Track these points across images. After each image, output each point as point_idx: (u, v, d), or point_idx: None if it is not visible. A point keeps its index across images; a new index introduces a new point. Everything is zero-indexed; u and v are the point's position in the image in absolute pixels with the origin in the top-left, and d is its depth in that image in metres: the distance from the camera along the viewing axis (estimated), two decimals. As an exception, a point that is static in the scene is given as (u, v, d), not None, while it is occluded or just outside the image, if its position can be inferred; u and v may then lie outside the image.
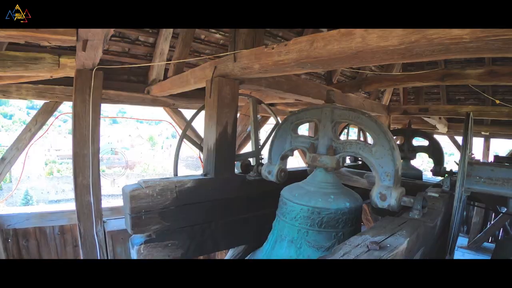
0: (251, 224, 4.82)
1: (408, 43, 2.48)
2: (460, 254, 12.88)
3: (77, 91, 5.73)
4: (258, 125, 5.60)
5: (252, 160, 5.36)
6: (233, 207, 4.63)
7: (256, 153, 5.39)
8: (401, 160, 7.36)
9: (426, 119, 11.50)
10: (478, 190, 4.44)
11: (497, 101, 9.48)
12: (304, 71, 3.89)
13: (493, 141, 14.94)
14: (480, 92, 10.76)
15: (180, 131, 7.69)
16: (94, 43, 4.23)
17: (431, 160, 7.09)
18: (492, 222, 13.58)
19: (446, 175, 4.74)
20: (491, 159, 12.58)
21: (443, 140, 13.75)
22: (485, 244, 13.41)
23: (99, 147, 6.00)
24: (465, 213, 14.94)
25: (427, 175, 9.04)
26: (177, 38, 7.21)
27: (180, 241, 4.11)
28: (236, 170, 4.95)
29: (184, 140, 4.95)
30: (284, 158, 4.28)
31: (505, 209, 4.31)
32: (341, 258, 2.12)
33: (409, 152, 7.31)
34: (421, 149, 7.45)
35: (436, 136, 7.78)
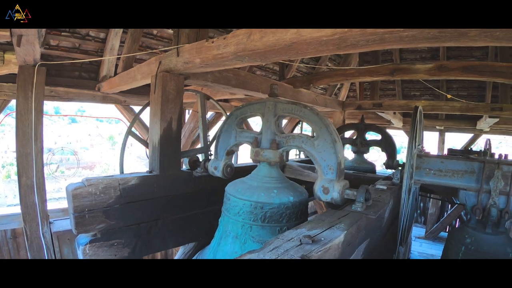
0: (201, 221, 4.75)
1: (341, 33, 2.45)
2: (417, 244, 13.40)
3: (19, 88, 5.54)
4: (206, 120, 5.51)
5: (201, 157, 5.25)
6: (181, 204, 4.53)
7: (205, 149, 5.30)
8: (355, 154, 7.48)
9: (381, 114, 11.64)
10: (428, 182, 4.51)
11: (449, 96, 9.76)
12: (243, 64, 3.82)
13: (448, 135, 15.28)
14: (433, 88, 10.94)
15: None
16: (29, 38, 4.09)
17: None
18: (448, 213, 13.99)
19: (400, 168, 4.77)
20: (445, 152, 12.92)
21: (399, 135, 14.01)
22: (442, 234, 13.87)
23: (42, 145, 5.80)
24: (421, 204, 15.38)
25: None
26: (127, 34, 7.02)
27: (126, 240, 4.01)
28: (184, 167, 4.87)
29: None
30: (229, 153, 4.20)
31: (461, 199, 4.37)
32: (270, 252, 2.05)
33: (362, 146, 7.36)
34: (374, 143, 7.51)
35: (391, 131, 7.87)
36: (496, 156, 4.50)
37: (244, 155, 7.84)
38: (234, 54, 3.36)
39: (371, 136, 7.88)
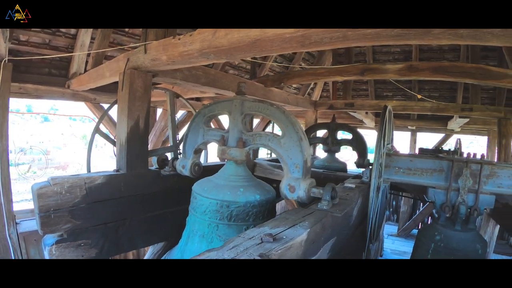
0: (169, 220, 4.70)
1: (304, 30, 2.46)
2: (390, 241, 13.64)
3: (-17, 85, 5.38)
4: (175, 119, 5.45)
5: (170, 155, 5.19)
6: (149, 203, 4.48)
7: (174, 147, 5.24)
8: (326, 153, 7.49)
9: (353, 114, 11.76)
10: (397, 181, 4.56)
11: (419, 96, 9.87)
12: (209, 62, 3.79)
13: (420, 135, 15.58)
14: (404, 88, 11.06)
15: (103, 128, 7.43)
16: (-8, 33, 3.98)
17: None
18: (420, 210, 14.21)
19: (370, 166, 4.79)
20: (417, 152, 13.18)
21: (371, 134, 14.13)
22: (414, 231, 14.05)
23: (8, 144, 5.64)
24: (394, 202, 15.60)
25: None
26: (98, 30, 6.88)
27: (94, 240, 3.93)
28: (154, 166, 4.79)
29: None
30: (197, 152, 4.15)
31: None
32: (229, 250, 2.02)
33: (333, 145, 7.36)
34: (345, 142, 7.52)
35: (363, 130, 7.91)
36: (466, 155, 4.54)
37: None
38: (199, 51, 3.34)
39: (345, 135, 7.90)
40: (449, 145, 14.49)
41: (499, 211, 6.26)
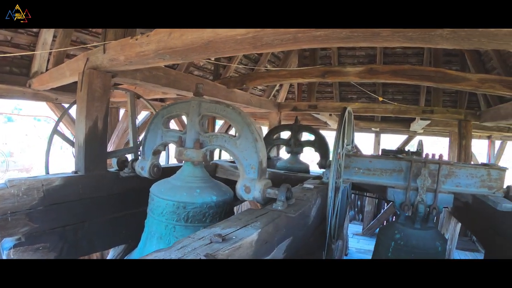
0: (130, 222, 4.63)
1: (255, 32, 2.50)
2: (355, 240, 13.89)
3: None
4: (135, 119, 5.39)
5: (131, 157, 5.13)
6: (108, 205, 4.44)
7: (134, 149, 5.18)
8: (289, 155, 7.51)
9: (317, 116, 11.86)
10: (357, 181, 4.62)
11: (381, 99, 10.04)
12: (166, 63, 3.80)
13: (384, 137, 15.83)
14: (367, 91, 11.22)
15: (65, 129, 7.31)
16: None
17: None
18: (384, 210, 14.43)
19: (333, 167, 4.84)
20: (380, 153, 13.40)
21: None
22: (378, 230, 14.10)
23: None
24: (359, 202, 15.81)
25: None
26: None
27: (52, 243, 3.86)
28: (114, 167, 4.73)
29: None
30: (156, 153, 4.11)
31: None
32: (177, 250, 2.01)
33: (296, 146, 7.37)
34: (308, 143, 7.55)
35: (327, 132, 7.96)
36: (430, 156, 4.63)
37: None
38: (155, 52, 3.33)
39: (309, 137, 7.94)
40: (414, 146, 14.77)
41: (460, 209, 6.38)
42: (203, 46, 2.91)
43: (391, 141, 15.88)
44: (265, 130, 12.11)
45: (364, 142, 16.94)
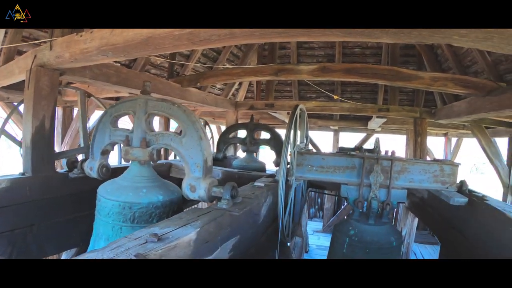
0: (81, 225, 4.53)
1: (191, 28, 2.50)
2: (315, 237, 14.04)
3: None
4: (86, 119, 5.27)
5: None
6: (58, 208, 4.34)
7: (85, 149, 5.06)
8: (245, 153, 7.49)
9: (275, 114, 11.98)
10: (311, 178, 4.64)
11: (336, 97, 10.17)
12: (109, 60, 3.76)
13: (343, 135, 16.02)
14: (322, 90, 11.31)
15: (17, 129, 7.10)
16: None
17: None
18: (344, 206, 14.61)
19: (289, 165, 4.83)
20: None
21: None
22: (333, 227, 14.26)
23: None
24: (319, 200, 15.95)
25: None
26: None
27: (0, 248, 3.77)
28: (64, 168, 4.61)
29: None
30: (104, 153, 4.01)
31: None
32: (110, 250, 1.96)
33: (252, 145, 7.37)
34: (263, 142, 7.56)
35: (283, 130, 7.97)
36: (384, 153, 4.66)
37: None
38: (98, 48, 3.29)
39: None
40: (372, 144, 15.00)
41: (416, 205, 6.49)
42: (143, 42, 2.90)
43: (350, 139, 16.07)
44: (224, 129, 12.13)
45: (323, 140, 17.09)
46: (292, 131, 4.25)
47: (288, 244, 5.50)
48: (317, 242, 13.23)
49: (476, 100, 6.73)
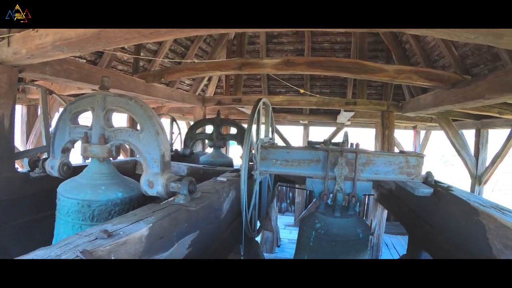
0: (44, 225, 4.38)
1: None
2: (287, 231, 14.10)
3: None
4: (48, 116, 5.15)
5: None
6: (20, 208, 4.24)
7: (47, 147, 4.97)
8: (212, 149, 7.46)
9: (243, 109, 12.03)
10: (276, 172, 4.63)
11: (302, 91, 10.21)
12: (65, 55, 3.70)
13: (313, 129, 16.13)
14: (288, 84, 11.36)
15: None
16: None
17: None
18: (314, 200, 14.63)
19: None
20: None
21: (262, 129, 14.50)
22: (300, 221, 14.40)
23: None
24: (291, 194, 16.02)
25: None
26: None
27: (-36, 251, 3.64)
28: (26, 167, 4.53)
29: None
30: (65, 151, 3.93)
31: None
32: (59, 248, 1.93)
33: (218, 140, 7.36)
34: (230, 137, 7.57)
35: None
36: (350, 146, 4.69)
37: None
38: (53, 43, 3.23)
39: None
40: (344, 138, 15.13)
41: (385, 196, 6.55)
42: (95, 36, 2.88)
43: (321, 133, 16.17)
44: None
45: (294, 135, 17.16)
46: (255, 125, 4.23)
47: (256, 238, 5.50)
48: (289, 236, 13.27)
49: (442, 93, 6.82)
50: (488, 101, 5.53)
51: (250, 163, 4.53)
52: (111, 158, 3.55)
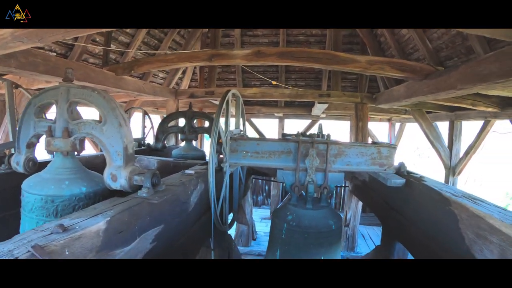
0: (11, 224, 4.26)
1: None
2: (263, 224, 14.25)
3: None
4: (14, 111, 5.04)
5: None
6: (-15, 207, 4.08)
7: (14, 143, 4.86)
8: (184, 142, 7.40)
9: (217, 103, 11.80)
10: (246, 164, 4.64)
11: (274, 83, 10.23)
12: (26, 46, 3.60)
13: (288, 122, 16.20)
14: (262, 77, 11.37)
15: None
16: None
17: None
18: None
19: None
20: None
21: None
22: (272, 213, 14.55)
23: None
24: (267, 187, 16.07)
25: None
26: None
27: None
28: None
29: None
30: (30, 146, 3.81)
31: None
32: (13, 243, 1.87)
33: (190, 133, 7.30)
34: (202, 130, 7.53)
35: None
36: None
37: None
38: (12, 34, 3.15)
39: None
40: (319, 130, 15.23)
41: (359, 188, 6.58)
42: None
43: (296, 126, 16.22)
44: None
45: (269, 128, 17.18)
46: (224, 117, 4.19)
47: (230, 232, 5.48)
48: (265, 229, 13.28)
49: (414, 84, 6.88)
50: (460, 92, 5.57)
51: (221, 156, 4.50)
52: (75, 152, 3.47)
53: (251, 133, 13.77)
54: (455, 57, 7.16)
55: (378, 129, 16.91)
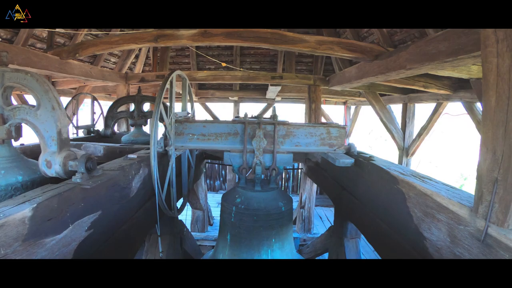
0: None
1: None
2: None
3: None
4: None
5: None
6: None
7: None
8: (133, 127, 7.26)
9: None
10: (193, 147, 4.58)
11: (223, 64, 10.20)
12: None
13: (244, 105, 16.02)
14: (211, 58, 11.34)
15: None
16: None
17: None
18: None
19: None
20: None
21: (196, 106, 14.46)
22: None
23: None
24: (223, 172, 16.06)
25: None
26: None
27: None
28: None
29: None
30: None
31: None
32: None
33: (139, 118, 7.17)
34: (151, 114, 7.39)
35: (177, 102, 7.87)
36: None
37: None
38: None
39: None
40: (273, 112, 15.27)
41: (312, 169, 6.61)
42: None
43: (252, 110, 16.26)
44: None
45: (224, 112, 17.15)
46: (160, 99, 4.08)
47: (180, 217, 5.41)
48: (222, 215, 13.20)
49: (365, 65, 6.95)
50: (410, 72, 5.64)
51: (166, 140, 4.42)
52: (12, 140, 3.32)
53: (206, 117, 13.71)
54: (409, 41, 7.30)
55: (334, 112, 17.07)
